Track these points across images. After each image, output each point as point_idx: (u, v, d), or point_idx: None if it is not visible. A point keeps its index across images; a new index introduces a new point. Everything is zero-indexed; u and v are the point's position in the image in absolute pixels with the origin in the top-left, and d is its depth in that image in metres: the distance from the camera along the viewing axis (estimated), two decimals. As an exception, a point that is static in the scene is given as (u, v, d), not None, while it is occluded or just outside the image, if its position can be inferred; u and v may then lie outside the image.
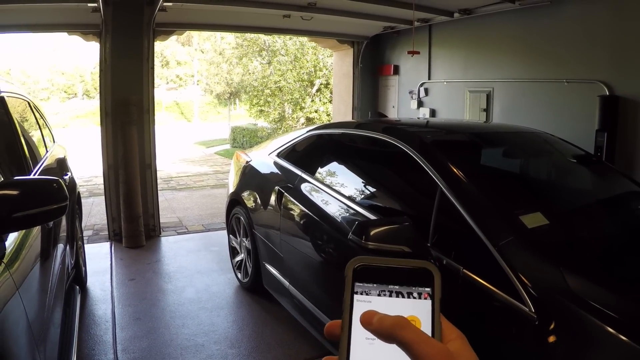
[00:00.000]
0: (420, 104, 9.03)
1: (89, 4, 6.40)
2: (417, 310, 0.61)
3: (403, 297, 0.63)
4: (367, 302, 0.62)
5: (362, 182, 3.86)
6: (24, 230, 2.27)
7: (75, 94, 45.70)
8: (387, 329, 0.58)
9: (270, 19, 8.08)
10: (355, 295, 0.63)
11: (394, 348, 0.60)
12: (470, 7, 7.46)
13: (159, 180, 7.72)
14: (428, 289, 0.63)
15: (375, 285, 0.63)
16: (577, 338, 2.01)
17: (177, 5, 6.76)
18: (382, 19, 8.38)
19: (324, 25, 8.76)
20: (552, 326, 2.05)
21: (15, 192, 1.97)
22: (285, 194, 4.19)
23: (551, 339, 2.05)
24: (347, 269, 0.64)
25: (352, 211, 3.45)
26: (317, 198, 3.83)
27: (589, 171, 4.05)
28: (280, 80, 22.24)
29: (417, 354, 0.56)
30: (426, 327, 0.61)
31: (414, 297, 0.62)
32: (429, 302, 0.62)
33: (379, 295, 0.63)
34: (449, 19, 7.88)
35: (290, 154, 4.66)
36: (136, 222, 6.83)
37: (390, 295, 0.63)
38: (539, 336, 2.07)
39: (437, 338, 0.60)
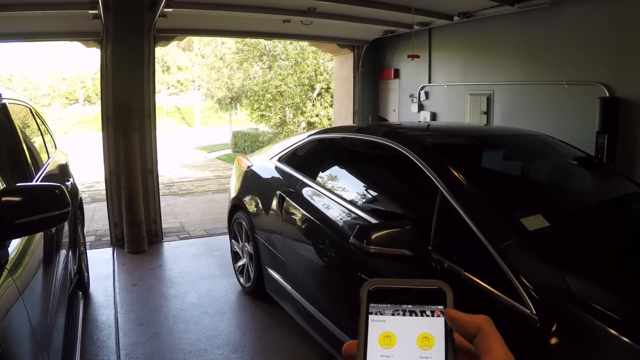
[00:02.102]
0: (421, 107, 9.03)
1: (90, 11, 6.43)
2: (431, 327, 0.64)
3: (417, 315, 0.65)
4: (381, 322, 0.65)
5: (363, 186, 3.86)
6: (26, 237, 2.27)
7: (77, 99, 45.77)
8: (479, 320, 0.63)
9: (271, 24, 8.09)
10: (370, 316, 0.65)
11: None
12: (470, 10, 7.48)
13: (160, 186, 7.74)
14: (441, 307, 0.65)
15: (389, 305, 0.66)
16: (579, 340, 2.01)
17: (177, 11, 6.78)
18: (382, 22, 8.41)
19: (325, 29, 8.80)
20: (553, 328, 2.06)
21: (17, 199, 1.98)
22: (287, 198, 4.20)
23: (553, 340, 2.05)
24: (361, 291, 0.67)
25: (353, 215, 3.45)
26: (319, 202, 3.84)
27: (590, 173, 4.05)
28: (281, 84, 22.24)
29: (492, 351, 0.60)
30: (440, 344, 0.63)
31: (427, 315, 0.65)
32: (442, 319, 0.64)
33: (393, 314, 0.65)
34: (449, 22, 7.89)
35: (292, 158, 4.67)
36: (138, 227, 6.84)
37: (404, 314, 0.65)
38: (541, 338, 2.08)
39: (451, 354, 0.62)
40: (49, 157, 4.31)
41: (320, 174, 4.20)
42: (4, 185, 2.39)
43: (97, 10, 6.35)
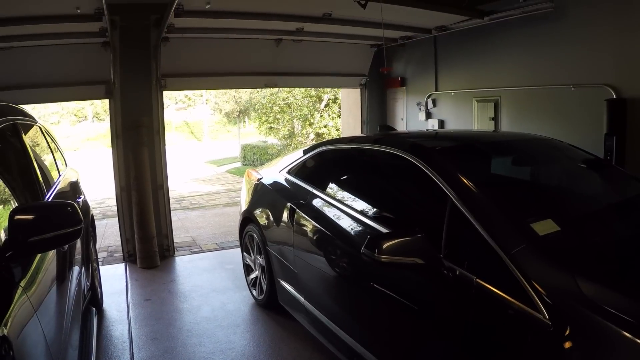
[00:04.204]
0: (428, 115, 9.02)
1: (99, 39, 6.55)
2: None
3: None
4: None
5: (373, 196, 3.85)
6: (39, 254, 2.29)
7: (86, 116, 46.00)
8: None
9: (265, 52, 8.27)
10: None
11: None
12: (445, 24, 7.75)
13: (171, 200, 7.77)
14: None
15: None
16: (593, 343, 2.00)
17: (177, 35, 6.89)
18: (368, 38, 8.60)
19: (320, 61, 9.01)
20: (567, 332, 2.05)
21: (30, 217, 2.00)
22: (298, 210, 4.21)
23: (567, 345, 2.04)
24: None
25: (364, 225, 3.45)
26: (329, 213, 3.84)
27: (599, 176, 4.03)
28: (288, 96, 22.30)
29: None
30: None
31: None
32: None
33: None
34: (450, 32, 7.94)
35: (301, 170, 4.68)
36: (150, 242, 6.86)
37: None
38: (555, 343, 2.07)
39: None
40: (59, 175, 4.34)
41: (330, 185, 4.20)
42: (17, 204, 2.42)
43: (106, 38, 6.44)
